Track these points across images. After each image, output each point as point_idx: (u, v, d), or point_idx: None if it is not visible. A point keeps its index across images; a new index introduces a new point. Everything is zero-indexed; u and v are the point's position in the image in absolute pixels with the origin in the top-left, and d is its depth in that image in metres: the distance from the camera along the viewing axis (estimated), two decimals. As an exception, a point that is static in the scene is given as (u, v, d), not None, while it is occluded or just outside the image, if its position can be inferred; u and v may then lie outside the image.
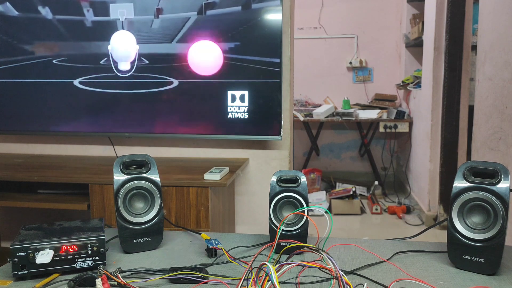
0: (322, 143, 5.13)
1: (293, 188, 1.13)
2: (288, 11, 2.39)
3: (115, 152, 2.58)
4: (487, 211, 0.99)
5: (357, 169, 5.15)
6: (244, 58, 2.31)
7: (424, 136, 3.88)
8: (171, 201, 2.02)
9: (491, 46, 2.30)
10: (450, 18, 3.39)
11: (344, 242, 1.20)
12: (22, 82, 2.50)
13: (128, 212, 1.14)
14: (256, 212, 2.54)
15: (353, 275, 1.00)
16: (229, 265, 1.05)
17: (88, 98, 2.46)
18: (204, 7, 2.30)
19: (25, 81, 2.49)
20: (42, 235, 1.02)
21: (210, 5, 2.30)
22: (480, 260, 0.99)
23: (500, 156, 2.16)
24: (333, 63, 5.05)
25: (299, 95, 5.02)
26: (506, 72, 2.11)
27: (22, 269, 0.96)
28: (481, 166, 1.01)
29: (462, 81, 3.42)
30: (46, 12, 2.41)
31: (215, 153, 2.54)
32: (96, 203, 2.07)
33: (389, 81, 4.94)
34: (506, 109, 2.11)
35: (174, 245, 1.20)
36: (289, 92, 2.44)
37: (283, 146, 2.49)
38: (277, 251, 1.08)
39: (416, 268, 1.04)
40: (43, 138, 2.68)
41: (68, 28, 2.42)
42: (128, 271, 0.99)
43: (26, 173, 2.18)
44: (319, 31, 5.02)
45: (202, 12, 2.31)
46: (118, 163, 1.16)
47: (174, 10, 2.33)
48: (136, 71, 2.41)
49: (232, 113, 2.36)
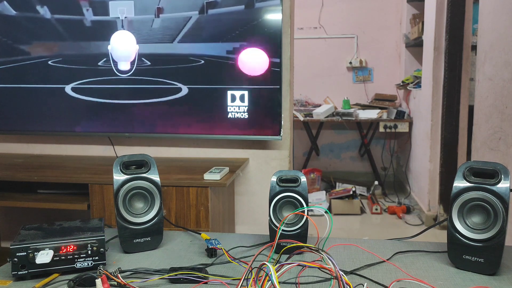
0: (322, 143, 5.13)
1: (293, 188, 1.13)
2: (288, 11, 2.39)
3: (115, 152, 2.58)
4: (487, 211, 0.99)
5: (357, 169, 5.15)
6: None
7: (424, 136, 3.88)
8: (171, 201, 2.02)
9: (491, 46, 2.30)
10: (450, 18, 3.39)
11: (344, 242, 1.20)
12: (22, 83, 2.50)
13: (128, 212, 1.14)
14: (256, 212, 2.54)
15: (353, 275, 1.00)
16: (229, 265, 1.05)
17: (88, 98, 2.46)
18: (206, 6, 2.30)
19: (25, 81, 2.49)
20: (42, 235, 1.02)
21: (212, 4, 2.30)
22: (480, 260, 0.99)
23: (500, 156, 2.16)
24: (333, 63, 5.05)
25: (299, 95, 5.02)
26: (506, 72, 2.11)
27: (22, 269, 0.96)
28: (481, 166, 1.01)
29: (462, 81, 3.42)
30: (44, 11, 2.41)
31: (215, 153, 2.54)
32: (96, 203, 2.07)
33: (389, 81, 4.94)
34: (506, 109, 2.11)
35: (174, 245, 1.20)
36: (289, 92, 2.44)
37: (283, 146, 2.49)
38: (277, 251, 1.08)
39: (416, 268, 1.04)
40: (43, 138, 2.68)
41: (68, 28, 2.42)
42: (128, 271, 0.99)
43: (26, 173, 2.18)
44: (319, 31, 5.02)
45: (204, 11, 2.30)
46: (118, 163, 1.16)
47: (175, 10, 2.33)
48: (136, 71, 2.40)
49: (232, 113, 2.36)
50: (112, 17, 2.37)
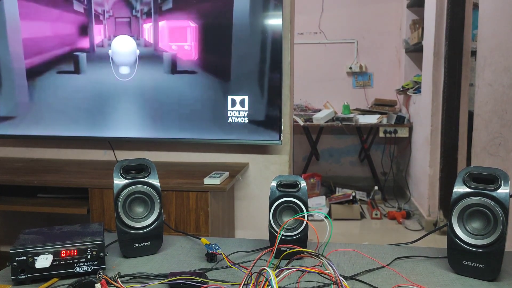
0: (322, 148, 5.13)
1: (293, 193, 1.13)
2: (288, 16, 2.40)
3: (115, 156, 2.58)
4: (487, 216, 0.99)
5: (357, 174, 5.15)
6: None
7: (424, 141, 3.88)
8: (171, 206, 2.02)
9: (490, 51, 2.30)
10: (450, 23, 3.40)
11: (344, 247, 1.19)
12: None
13: (127, 217, 1.14)
14: (256, 217, 2.54)
15: (353, 281, 1.00)
16: (228, 270, 1.05)
17: (88, 102, 2.46)
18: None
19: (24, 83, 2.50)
20: (42, 239, 1.01)
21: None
22: (480, 266, 0.99)
23: (499, 162, 2.16)
24: (333, 68, 5.06)
25: (299, 100, 5.03)
26: (506, 78, 2.12)
27: (21, 273, 0.96)
28: (481, 172, 1.01)
29: (461, 87, 3.42)
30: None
31: (215, 158, 2.54)
32: (95, 207, 2.06)
33: (389, 86, 4.95)
34: (505, 114, 2.11)
35: (173, 250, 1.20)
36: (289, 97, 2.44)
37: (283, 151, 2.50)
38: (277, 256, 1.08)
39: (416, 273, 1.04)
40: (43, 142, 2.68)
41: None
42: (128, 276, 0.99)
43: (26, 177, 2.18)
44: (319, 36, 5.03)
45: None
46: (118, 168, 1.16)
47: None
48: (137, 75, 2.41)
49: (232, 117, 2.36)
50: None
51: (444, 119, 3.51)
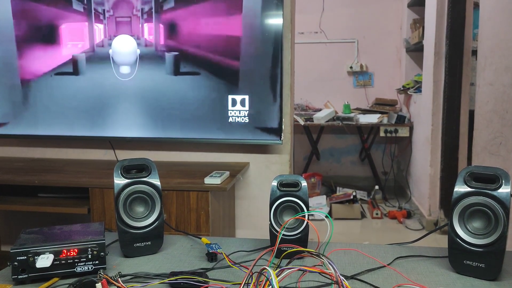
0: (322, 148, 5.13)
1: (293, 193, 1.13)
2: (289, 16, 2.40)
3: (115, 156, 2.58)
4: (488, 216, 0.99)
5: (358, 174, 5.15)
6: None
7: (425, 141, 3.88)
8: (172, 205, 2.02)
9: (491, 51, 2.30)
10: (451, 23, 3.39)
11: (344, 247, 1.19)
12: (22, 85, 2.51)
13: (128, 216, 1.14)
14: (257, 216, 2.54)
15: (354, 280, 1.00)
16: (229, 270, 1.05)
17: (89, 102, 2.46)
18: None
19: (24, 83, 2.50)
20: (42, 239, 1.01)
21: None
22: (481, 266, 0.99)
23: (500, 161, 2.16)
24: (333, 68, 5.06)
25: (300, 99, 5.03)
26: (506, 77, 2.12)
27: (22, 273, 0.96)
28: (482, 171, 1.01)
29: (462, 86, 3.42)
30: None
31: (215, 157, 2.54)
32: (96, 207, 2.07)
33: (390, 85, 4.95)
34: (506, 114, 2.11)
35: (174, 250, 1.20)
36: (289, 97, 2.44)
37: (284, 150, 2.49)
38: (278, 256, 1.08)
39: (417, 273, 1.04)
40: (44, 141, 2.68)
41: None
42: (128, 276, 0.99)
43: (27, 177, 2.18)
44: (319, 36, 5.03)
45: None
46: (119, 167, 1.16)
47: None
48: (137, 75, 2.41)
49: (232, 117, 2.36)
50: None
51: (445, 118, 3.51)
